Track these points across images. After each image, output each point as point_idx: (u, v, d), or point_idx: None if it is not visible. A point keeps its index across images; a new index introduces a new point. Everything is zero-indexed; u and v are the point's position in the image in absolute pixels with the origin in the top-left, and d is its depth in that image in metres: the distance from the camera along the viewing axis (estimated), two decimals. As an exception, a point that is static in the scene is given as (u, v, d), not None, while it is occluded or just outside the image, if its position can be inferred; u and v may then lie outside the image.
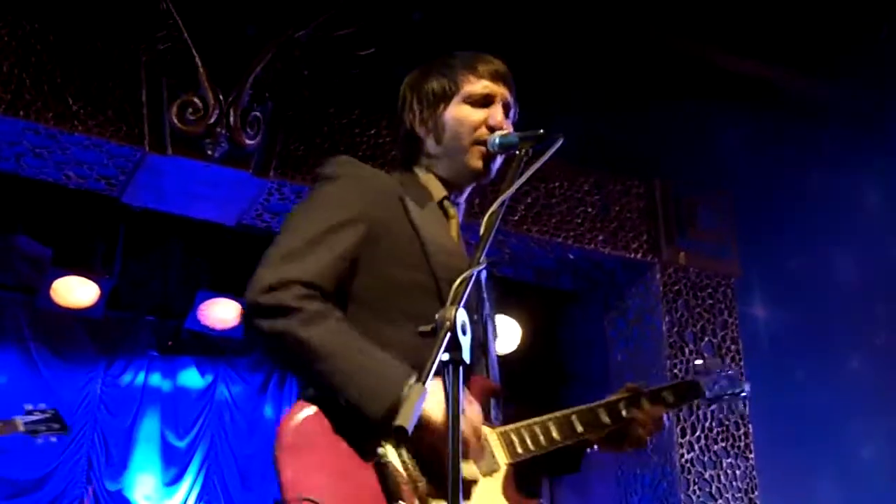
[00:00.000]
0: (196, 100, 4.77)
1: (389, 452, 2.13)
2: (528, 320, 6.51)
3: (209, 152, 4.81)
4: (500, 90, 2.53)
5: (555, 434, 2.45)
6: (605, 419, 2.56)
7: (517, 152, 2.25)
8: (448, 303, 1.87)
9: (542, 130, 2.23)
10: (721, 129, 6.05)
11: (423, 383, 1.78)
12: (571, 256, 5.77)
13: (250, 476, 7.16)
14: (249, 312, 2.22)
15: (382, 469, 2.11)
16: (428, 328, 1.85)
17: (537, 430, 2.43)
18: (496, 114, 2.49)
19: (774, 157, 6.25)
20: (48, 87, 4.65)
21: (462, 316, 1.85)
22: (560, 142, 2.18)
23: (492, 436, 2.34)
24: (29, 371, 6.65)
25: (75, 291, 5.93)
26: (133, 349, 6.90)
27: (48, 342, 6.68)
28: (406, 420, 1.73)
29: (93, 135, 4.72)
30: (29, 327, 6.59)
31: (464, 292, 1.90)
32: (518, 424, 2.42)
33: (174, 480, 6.97)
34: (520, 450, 2.38)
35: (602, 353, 6.25)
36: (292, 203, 5.24)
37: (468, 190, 2.59)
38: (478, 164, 2.48)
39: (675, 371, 5.63)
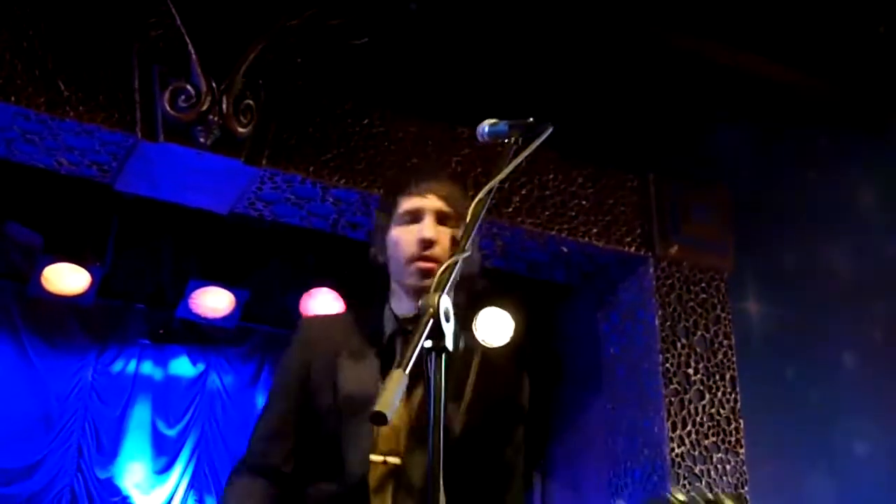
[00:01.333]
0: (188, 87, 4.75)
1: None
2: (520, 313, 6.49)
3: (201, 140, 4.79)
4: (430, 203, 2.52)
5: None
6: None
7: (506, 141, 2.23)
8: (431, 290, 1.86)
9: (531, 119, 2.21)
10: (717, 124, 6.04)
11: (404, 369, 1.76)
12: (565, 249, 5.75)
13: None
14: None
15: None
16: (410, 315, 1.86)
17: None
18: (424, 228, 2.47)
19: (770, 153, 6.25)
20: (39, 73, 4.62)
21: (445, 303, 1.84)
22: (549, 130, 2.16)
23: None
24: (20, 359, 6.63)
25: (66, 279, 5.91)
26: (124, 337, 6.89)
27: (39, 330, 6.66)
28: (386, 406, 1.72)
29: (84, 121, 4.70)
30: (19, 315, 6.58)
31: (448, 279, 1.90)
32: None
33: (165, 469, 6.96)
34: None
35: (595, 347, 6.23)
36: (285, 192, 5.23)
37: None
38: (415, 281, 2.47)
39: (668, 365, 5.62)
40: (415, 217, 2.51)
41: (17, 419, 6.56)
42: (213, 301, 6.30)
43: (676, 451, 5.48)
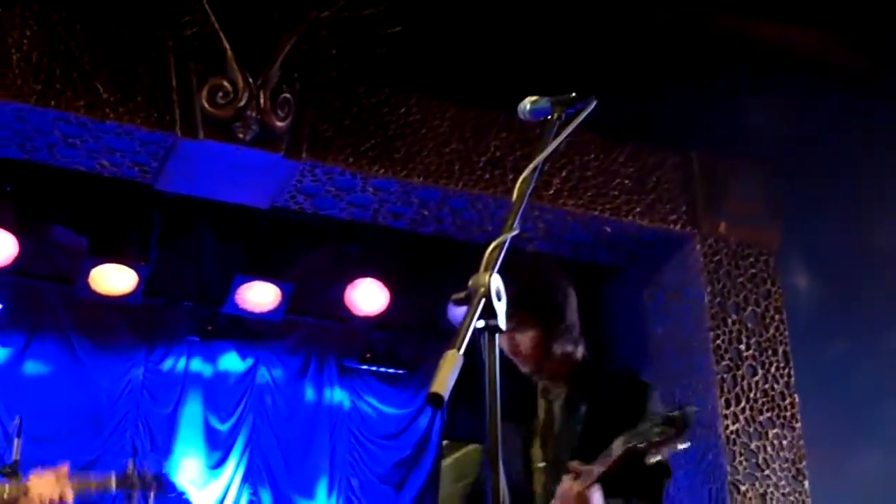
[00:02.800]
0: (225, 83, 4.75)
1: None
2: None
3: (240, 135, 4.79)
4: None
5: None
6: None
7: (549, 117, 2.20)
8: (481, 269, 1.84)
9: (574, 93, 2.18)
10: (760, 98, 5.94)
11: (458, 350, 1.74)
12: (608, 230, 5.70)
13: (293, 458, 7.18)
14: None
15: None
16: (462, 295, 1.82)
17: None
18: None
19: (816, 127, 6.14)
20: (77, 76, 4.65)
21: (496, 281, 1.81)
22: (593, 104, 2.13)
23: None
24: (69, 361, 6.68)
25: (113, 279, 5.95)
26: (172, 335, 6.92)
27: (87, 332, 6.70)
28: (441, 387, 1.69)
29: (124, 122, 4.73)
30: (68, 318, 6.62)
31: (497, 257, 1.86)
32: None
33: (218, 464, 7.00)
34: None
35: (641, 328, 6.19)
36: (325, 184, 5.23)
37: None
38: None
39: (718, 342, 5.56)
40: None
41: (68, 420, 6.61)
42: (259, 296, 6.31)
43: (731, 427, 5.42)
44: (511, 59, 5.38)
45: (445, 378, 1.70)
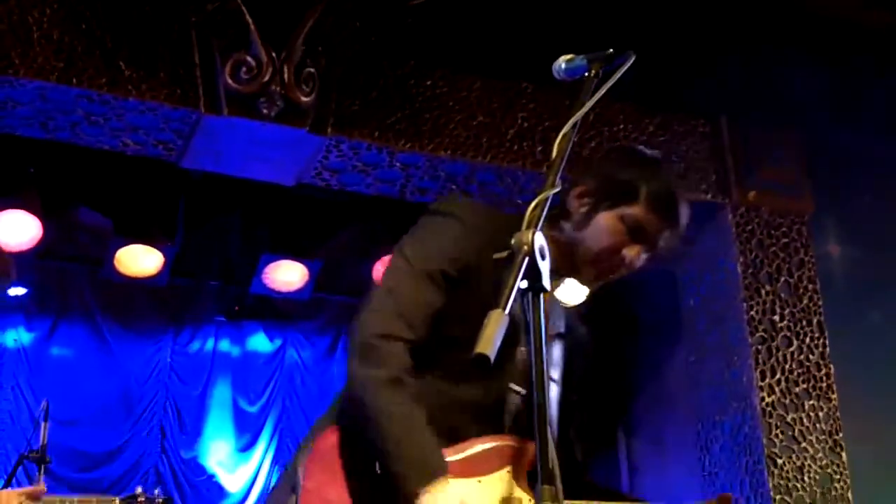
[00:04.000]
0: (249, 59, 4.68)
1: None
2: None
3: (265, 111, 4.72)
4: (659, 236, 2.43)
5: None
6: None
7: (586, 75, 2.13)
8: (524, 227, 1.77)
9: (611, 50, 2.11)
10: (788, 64, 5.84)
11: (503, 309, 1.68)
12: (640, 200, 5.61)
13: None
14: (349, 348, 2.28)
15: None
16: (504, 254, 1.76)
17: None
18: (636, 254, 2.40)
19: (846, 93, 6.04)
20: (99, 54, 4.58)
21: (539, 240, 1.74)
22: (632, 59, 2.06)
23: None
24: (96, 344, 6.67)
25: (139, 260, 5.91)
26: (200, 316, 6.90)
27: (115, 313, 6.70)
28: (486, 347, 1.63)
29: (147, 99, 4.66)
30: (94, 299, 6.61)
31: (540, 215, 1.81)
32: None
33: (248, 446, 6.98)
34: None
35: (672, 299, 6.11)
36: (351, 160, 5.16)
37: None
38: (587, 281, 2.43)
39: (752, 313, 5.48)
40: (636, 232, 2.41)
41: (97, 403, 6.62)
42: (286, 274, 6.26)
43: (767, 400, 5.34)
44: (536, 30, 5.30)
45: (491, 338, 1.64)
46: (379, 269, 6.36)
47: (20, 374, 6.49)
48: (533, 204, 1.83)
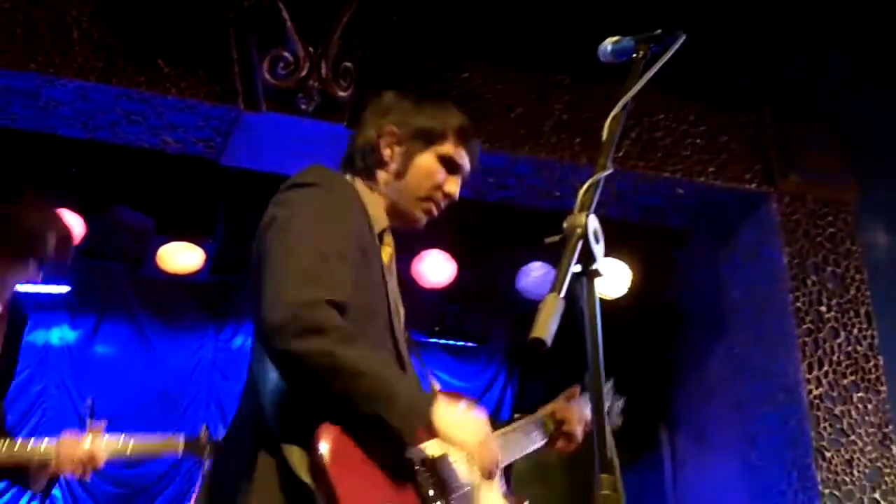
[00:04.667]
0: (286, 54, 4.68)
1: (418, 454, 2.21)
2: (636, 262, 6.33)
3: (303, 107, 4.73)
4: (466, 165, 2.65)
5: (526, 442, 2.72)
6: (551, 426, 2.83)
7: (634, 56, 2.10)
8: (576, 209, 1.75)
9: (659, 31, 2.08)
10: (833, 53, 5.76)
11: (559, 293, 1.65)
12: (680, 191, 5.55)
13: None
14: (272, 332, 2.13)
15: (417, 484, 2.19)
16: (556, 238, 1.73)
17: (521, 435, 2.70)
18: (454, 184, 2.63)
19: (887, 84, 5.94)
20: (138, 52, 4.60)
21: (593, 223, 1.72)
22: (682, 39, 2.04)
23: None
24: (138, 342, 6.71)
25: (180, 257, 5.94)
26: (241, 312, 6.91)
27: (156, 311, 6.72)
28: (542, 331, 1.61)
29: (186, 97, 4.67)
30: (136, 297, 6.64)
31: (593, 198, 1.80)
32: (509, 427, 2.68)
33: (290, 442, 6.99)
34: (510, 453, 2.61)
35: (715, 291, 6.05)
36: (389, 156, 5.14)
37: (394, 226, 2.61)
38: (420, 217, 2.62)
39: (799, 304, 5.40)
40: (452, 167, 2.61)
41: (139, 401, 6.64)
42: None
43: (814, 392, 5.27)
44: (573, 20, 5.26)
45: (546, 322, 1.62)
46: (417, 264, 6.35)
47: (65, 372, 6.54)
48: (585, 186, 1.83)
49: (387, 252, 2.53)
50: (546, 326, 1.62)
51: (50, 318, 6.56)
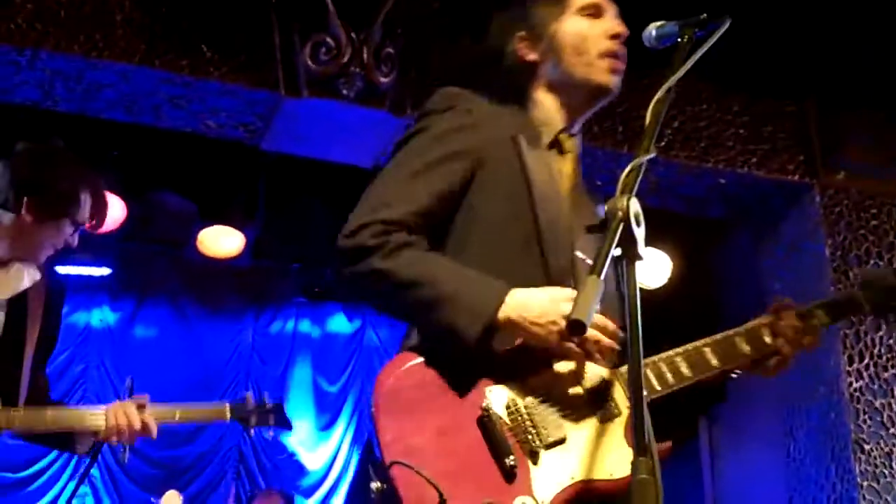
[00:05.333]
0: (328, 39, 4.68)
1: (493, 402, 2.03)
2: (677, 253, 6.28)
3: (344, 92, 4.72)
4: (607, 1, 2.45)
5: (685, 370, 2.30)
6: (745, 348, 2.41)
7: (679, 41, 2.08)
8: (618, 192, 1.74)
9: (704, 15, 2.06)
10: (878, 43, 5.67)
11: (598, 275, 1.64)
12: (722, 181, 5.50)
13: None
14: (336, 262, 2.18)
15: (487, 424, 2.01)
16: (596, 223, 1.72)
17: (663, 367, 2.27)
18: (615, 24, 2.40)
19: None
20: (180, 36, 4.62)
21: (635, 206, 1.70)
22: (727, 24, 2.02)
23: (610, 378, 2.17)
24: (179, 324, 6.76)
25: (221, 241, 5.97)
26: (280, 297, 6.95)
27: (197, 294, 6.78)
28: (582, 313, 1.60)
29: (228, 81, 4.68)
30: (177, 280, 6.70)
31: (635, 181, 1.78)
32: (645, 360, 2.24)
33: (328, 425, 7.03)
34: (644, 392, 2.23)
35: (755, 283, 5.98)
36: (429, 142, 5.13)
37: (588, 114, 2.46)
38: (606, 78, 2.37)
39: (840, 297, 5.33)
40: (596, 12, 2.43)
41: (179, 383, 6.70)
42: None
43: (854, 385, 5.21)
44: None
45: (587, 304, 1.61)
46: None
47: (105, 353, 6.61)
48: (627, 169, 1.81)
49: (551, 165, 2.34)
50: (586, 309, 1.61)
51: (91, 299, 6.63)
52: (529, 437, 2.02)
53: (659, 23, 2.18)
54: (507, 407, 2.03)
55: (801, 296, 5.52)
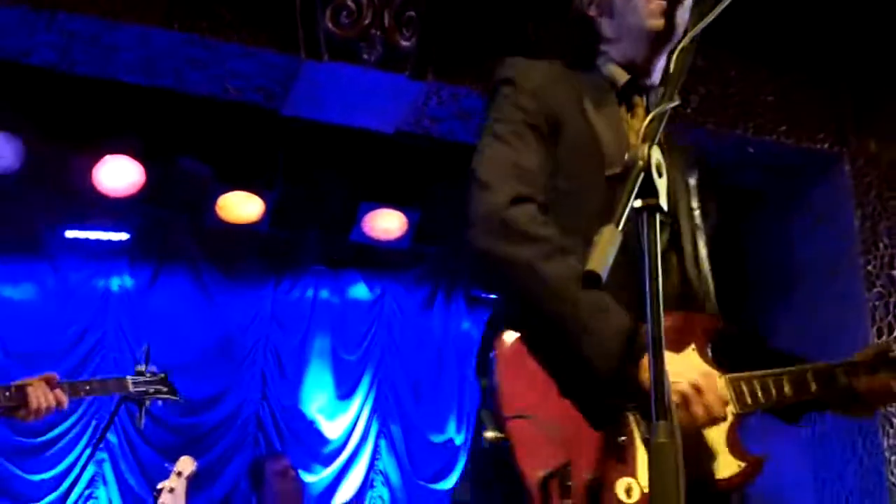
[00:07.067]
0: (349, 2, 4.60)
1: None
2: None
3: (365, 56, 4.65)
4: None
5: (787, 390, 2.29)
6: (843, 381, 2.35)
7: None
8: (639, 140, 1.66)
9: None
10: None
11: (616, 225, 1.57)
12: (751, 150, 5.40)
13: (422, 389, 7.12)
14: (479, 228, 2.09)
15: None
16: (617, 170, 1.65)
17: (770, 382, 2.27)
18: None
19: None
20: (199, -2, 4.55)
21: (656, 154, 1.62)
22: None
23: (719, 381, 2.14)
24: (198, 291, 6.72)
25: (241, 207, 5.90)
26: (300, 264, 6.90)
27: (216, 261, 6.73)
28: (598, 265, 1.52)
29: (248, 44, 4.62)
30: (196, 246, 6.65)
31: (657, 129, 1.70)
32: (749, 374, 2.25)
33: (347, 394, 6.99)
34: (749, 401, 2.22)
35: (785, 254, 5.89)
36: (451, 108, 5.05)
37: (660, 60, 2.36)
38: (655, 21, 2.28)
39: (870, 268, 5.24)
40: None
41: (198, 350, 6.67)
42: (386, 222, 6.19)
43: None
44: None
45: (603, 255, 1.53)
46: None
47: (123, 319, 6.58)
48: (650, 117, 1.74)
49: (619, 121, 2.31)
50: (602, 260, 1.53)
51: (109, 265, 6.59)
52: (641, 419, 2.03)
53: None
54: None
55: (829, 266, 5.47)
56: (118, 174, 5.59)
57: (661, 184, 1.62)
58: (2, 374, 6.06)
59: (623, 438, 1.99)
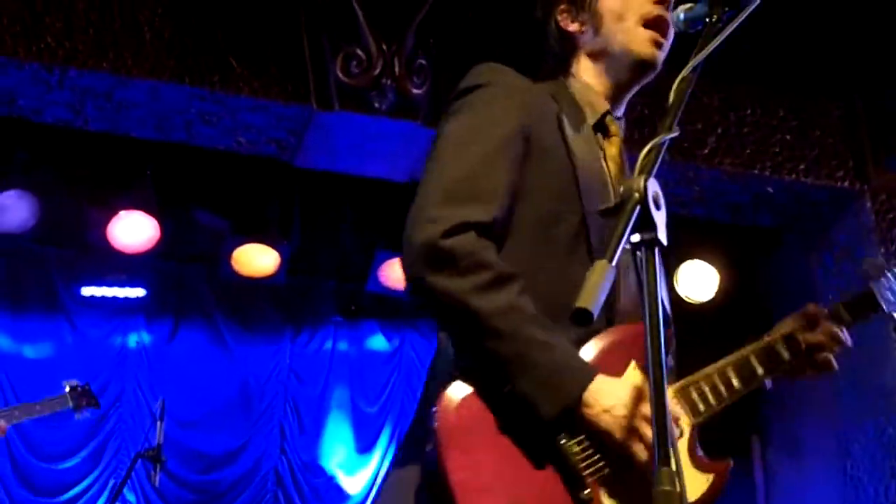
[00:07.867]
0: (359, 51, 4.61)
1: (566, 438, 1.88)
2: (724, 264, 6.09)
3: (376, 105, 4.64)
4: None
5: (736, 383, 2.20)
6: (786, 354, 2.30)
7: (707, 20, 1.94)
8: (636, 172, 1.58)
9: None
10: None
11: (610, 261, 1.49)
12: (770, 190, 5.32)
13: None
14: (414, 257, 1.92)
15: (562, 457, 1.87)
16: (611, 204, 1.57)
17: (717, 381, 2.17)
18: None
19: None
20: (209, 52, 4.56)
21: (653, 187, 1.55)
22: (757, 1, 1.86)
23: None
24: (215, 345, 6.69)
25: (256, 259, 5.87)
26: (317, 315, 6.87)
27: (233, 314, 6.71)
28: (590, 302, 1.44)
29: (259, 96, 4.62)
30: (213, 300, 6.63)
31: (655, 161, 1.61)
32: (693, 378, 2.15)
33: (367, 448, 6.91)
34: (702, 408, 2.12)
35: (810, 296, 5.77)
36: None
37: (632, 91, 2.28)
38: (647, 49, 2.20)
39: (896, 307, 5.13)
40: None
41: (216, 404, 6.63)
42: (401, 272, 6.15)
43: (913, 398, 5.01)
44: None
45: (594, 291, 1.45)
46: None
47: (141, 375, 6.55)
48: (647, 148, 1.64)
49: (595, 147, 2.20)
50: (594, 296, 1.45)
51: (126, 321, 6.58)
52: (600, 465, 1.90)
53: (687, 5, 2.03)
54: (579, 443, 1.90)
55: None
56: (133, 230, 5.58)
57: (660, 217, 1.55)
58: (23, 433, 6.05)
59: (587, 493, 1.86)
